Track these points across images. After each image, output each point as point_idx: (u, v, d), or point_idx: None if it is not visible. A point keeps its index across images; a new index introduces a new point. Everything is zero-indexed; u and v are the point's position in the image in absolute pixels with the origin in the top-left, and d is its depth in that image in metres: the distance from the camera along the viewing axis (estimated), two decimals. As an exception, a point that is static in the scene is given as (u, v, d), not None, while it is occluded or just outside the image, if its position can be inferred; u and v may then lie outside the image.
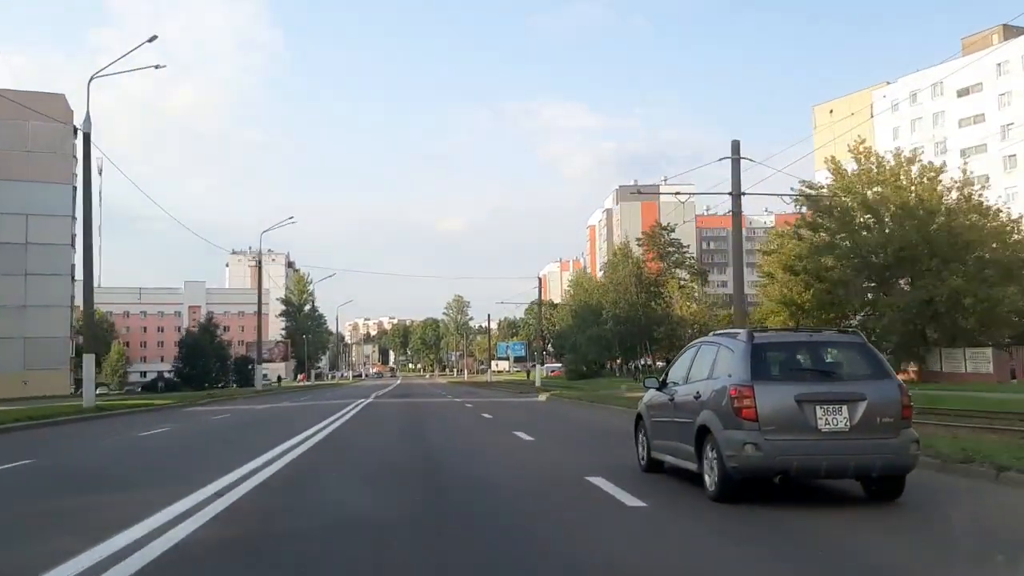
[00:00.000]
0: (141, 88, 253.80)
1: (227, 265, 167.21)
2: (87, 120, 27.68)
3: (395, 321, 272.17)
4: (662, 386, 9.35)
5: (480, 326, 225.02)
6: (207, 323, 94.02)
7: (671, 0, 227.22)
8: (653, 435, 9.40)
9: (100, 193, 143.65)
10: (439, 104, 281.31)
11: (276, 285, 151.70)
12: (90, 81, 28.17)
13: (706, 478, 7.67)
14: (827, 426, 7.10)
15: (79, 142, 30.41)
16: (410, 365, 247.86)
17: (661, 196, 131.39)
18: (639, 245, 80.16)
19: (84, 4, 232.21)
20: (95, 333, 46.22)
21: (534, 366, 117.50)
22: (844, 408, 7.14)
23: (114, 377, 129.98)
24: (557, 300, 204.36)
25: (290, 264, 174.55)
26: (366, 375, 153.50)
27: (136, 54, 43.10)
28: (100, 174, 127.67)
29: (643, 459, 9.74)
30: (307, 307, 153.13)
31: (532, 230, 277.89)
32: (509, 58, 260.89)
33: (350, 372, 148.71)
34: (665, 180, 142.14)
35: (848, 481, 7.81)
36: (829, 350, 8.11)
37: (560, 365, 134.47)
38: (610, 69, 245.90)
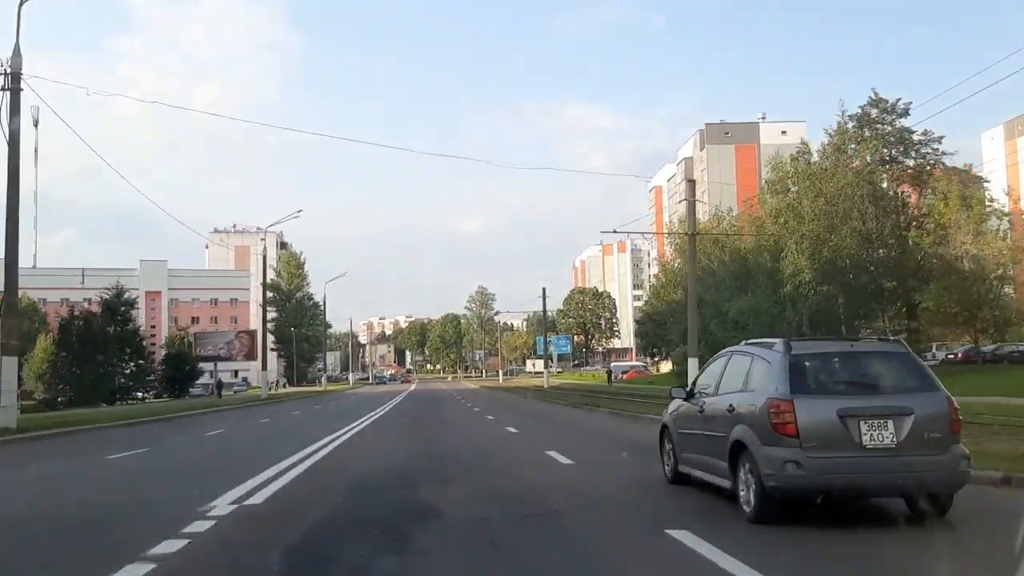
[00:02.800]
0: (161, 93, 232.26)
1: (206, 247, 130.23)
2: (16, 53, 20.11)
3: (412, 319, 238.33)
4: (690, 396, 8.65)
5: (506, 323, 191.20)
6: (115, 299, 57.55)
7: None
8: (680, 448, 8.79)
9: (36, 151, 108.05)
10: (458, 106, 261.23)
11: (267, 269, 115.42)
12: (21, 5, 20.60)
13: (741, 497, 7.04)
14: (872, 442, 6.55)
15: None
16: (428, 366, 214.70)
17: (761, 135, 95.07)
18: (850, 142, 41.89)
19: (106, 11, 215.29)
20: None
21: (610, 371, 78.94)
22: (890, 423, 6.59)
23: (38, 384, 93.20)
24: (600, 287, 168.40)
25: (283, 245, 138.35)
26: (377, 378, 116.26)
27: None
28: (36, 126, 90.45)
29: (669, 472, 9.17)
30: (299, 294, 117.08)
31: (553, 230, 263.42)
32: (529, 59, 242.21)
33: (351, 375, 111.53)
34: (763, 117, 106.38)
35: (887, 498, 7.24)
36: (872, 361, 7.39)
37: (637, 364, 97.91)
38: (631, 69, 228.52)
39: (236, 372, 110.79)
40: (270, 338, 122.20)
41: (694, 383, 8.92)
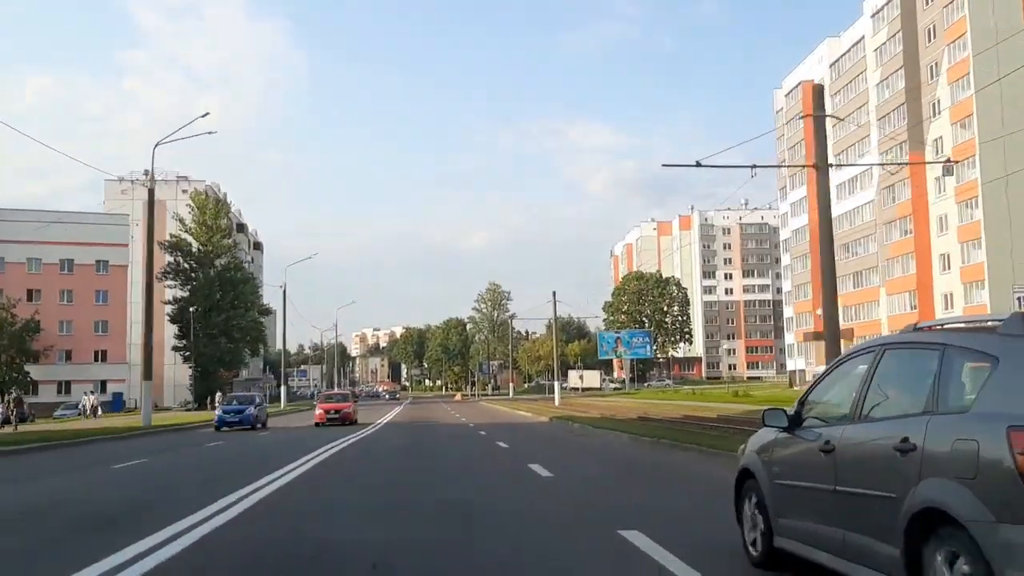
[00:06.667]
0: (165, 107, 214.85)
1: (103, 202, 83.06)
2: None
3: (409, 328, 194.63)
4: (794, 423, 4.77)
5: (526, 331, 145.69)
6: None
7: (695, 18, 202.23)
8: (780, 509, 4.81)
9: None
10: (462, 124, 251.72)
11: (173, 220, 70.57)
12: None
13: None
14: None
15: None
16: (427, 381, 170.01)
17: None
18: None
19: (112, 26, 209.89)
20: None
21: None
22: None
23: None
24: (656, 270, 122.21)
25: (219, 203, 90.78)
26: (222, 413, 46.69)
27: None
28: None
29: (755, 546, 5.09)
30: (220, 260, 70.84)
31: (555, 248, 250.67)
32: (533, 78, 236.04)
33: (283, 393, 62.05)
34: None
35: None
36: None
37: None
38: (634, 88, 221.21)
39: (103, 385, 64.43)
40: (171, 330, 75.98)
41: (802, 402, 4.86)
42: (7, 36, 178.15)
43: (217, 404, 58.09)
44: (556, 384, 52.36)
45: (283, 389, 54.24)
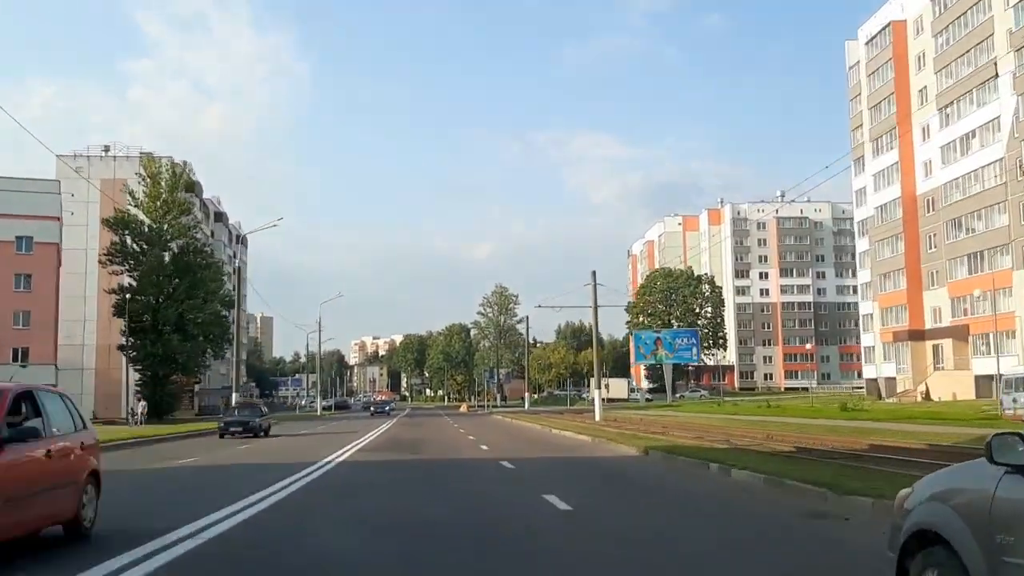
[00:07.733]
0: (171, 119, 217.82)
1: (58, 187, 69.09)
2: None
3: (410, 335, 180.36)
4: None
5: (534, 338, 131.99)
6: None
7: (702, 30, 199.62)
8: None
9: None
10: (466, 135, 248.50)
11: (123, 192, 57.24)
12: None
13: None
14: None
15: None
16: (428, 391, 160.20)
17: None
18: None
19: (118, 35, 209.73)
20: None
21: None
22: None
23: None
24: (688, 267, 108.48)
25: (192, 187, 76.82)
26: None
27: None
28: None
29: None
30: (179, 242, 57.61)
31: (560, 258, 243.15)
32: (539, 89, 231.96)
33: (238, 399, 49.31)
34: None
35: None
36: None
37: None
38: (640, 99, 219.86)
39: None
40: (119, 324, 62.62)
41: None
42: (12, 44, 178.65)
43: (137, 414, 44.27)
44: (596, 394, 38.72)
45: (234, 397, 40.67)
